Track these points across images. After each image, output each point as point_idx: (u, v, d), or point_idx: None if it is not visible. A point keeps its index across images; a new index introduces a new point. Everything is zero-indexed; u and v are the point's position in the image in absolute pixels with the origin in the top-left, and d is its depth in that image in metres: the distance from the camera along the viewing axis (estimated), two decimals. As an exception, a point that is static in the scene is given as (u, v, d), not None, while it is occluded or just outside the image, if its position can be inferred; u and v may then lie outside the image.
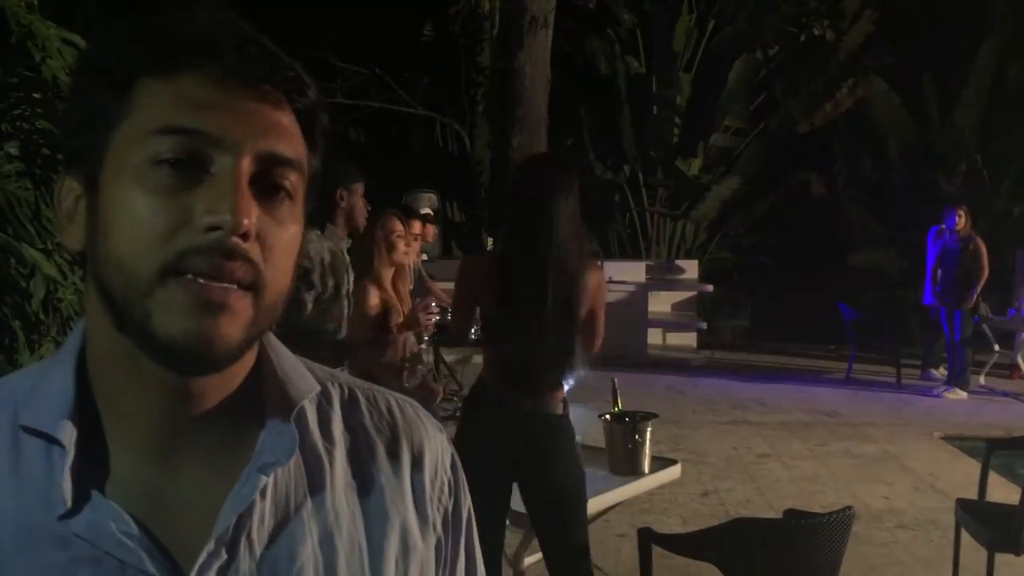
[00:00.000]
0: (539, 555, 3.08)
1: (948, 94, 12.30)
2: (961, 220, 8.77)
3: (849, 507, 2.62)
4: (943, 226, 8.88)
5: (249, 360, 0.73)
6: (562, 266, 2.76)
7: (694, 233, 12.87)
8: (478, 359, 4.86)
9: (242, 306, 0.66)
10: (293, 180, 0.69)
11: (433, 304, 4.05)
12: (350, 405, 0.80)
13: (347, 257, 3.55)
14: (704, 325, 10.76)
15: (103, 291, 0.67)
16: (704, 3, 12.98)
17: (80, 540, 0.66)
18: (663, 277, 11.11)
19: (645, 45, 13.21)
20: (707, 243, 12.95)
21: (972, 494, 4.19)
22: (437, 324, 4.16)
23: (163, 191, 0.65)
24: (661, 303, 10.97)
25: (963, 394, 8.50)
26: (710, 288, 10.86)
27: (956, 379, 8.63)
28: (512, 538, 3.24)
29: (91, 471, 0.68)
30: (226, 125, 0.66)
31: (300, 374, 0.76)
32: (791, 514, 2.93)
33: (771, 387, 9.00)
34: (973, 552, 3.91)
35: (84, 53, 0.73)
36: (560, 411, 2.86)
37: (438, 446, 0.82)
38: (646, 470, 3.51)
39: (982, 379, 8.99)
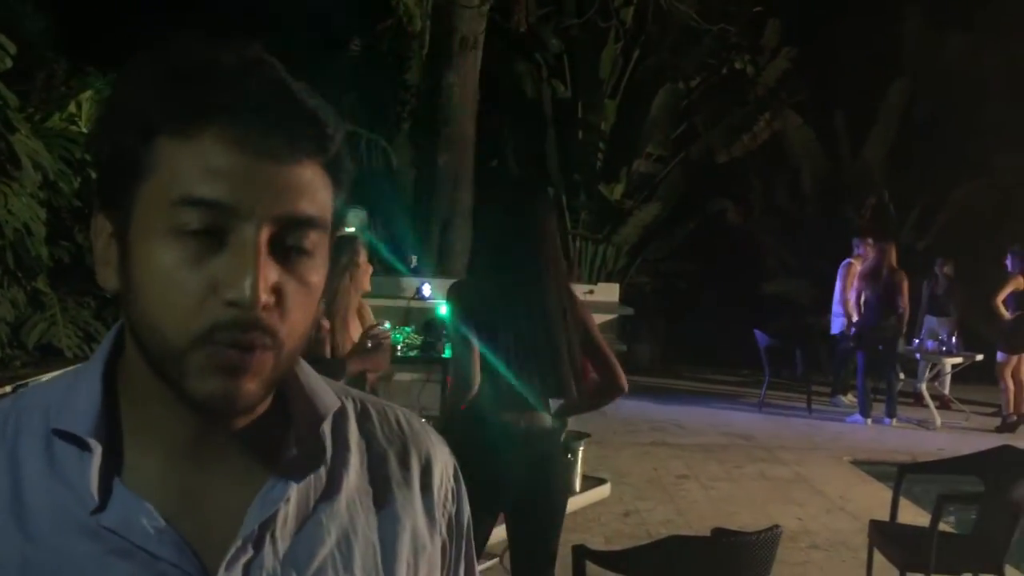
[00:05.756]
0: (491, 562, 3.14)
1: (859, 130, 12.81)
2: (869, 251, 9.19)
3: (776, 526, 2.72)
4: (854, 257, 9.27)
5: None
6: (559, 285, 2.88)
7: (615, 257, 13.06)
8: (399, 377, 4.84)
9: (262, 364, 0.70)
10: (313, 238, 0.71)
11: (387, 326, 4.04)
12: (363, 417, 0.85)
13: None
14: (624, 348, 10.91)
15: (137, 339, 0.72)
16: (630, 33, 13.23)
17: (112, 534, 0.70)
18: (584, 300, 11.24)
19: (572, 71, 13.40)
20: (627, 267, 13.16)
21: (880, 516, 4.38)
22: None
23: (188, 261, 0.68)
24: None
25: (868, 420, 8.82)
26: (631, 311, 11.03)
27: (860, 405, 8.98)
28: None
29: (119, 470, 0.73)
30: (245, 194, 0.68)
31: (324, 390, 0.81)
32: (719, 532, 3.01)
33: (688, 410, 9.20)
34: (883, 572, 4.08)
35: (110, 96, 0.74)
36: (555, 425, 2.97)
37: (443, 456, 0.88)
38: (577, 488, 3.59)
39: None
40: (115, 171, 0.71)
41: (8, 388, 4.40)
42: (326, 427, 0.79)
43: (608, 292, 11.45)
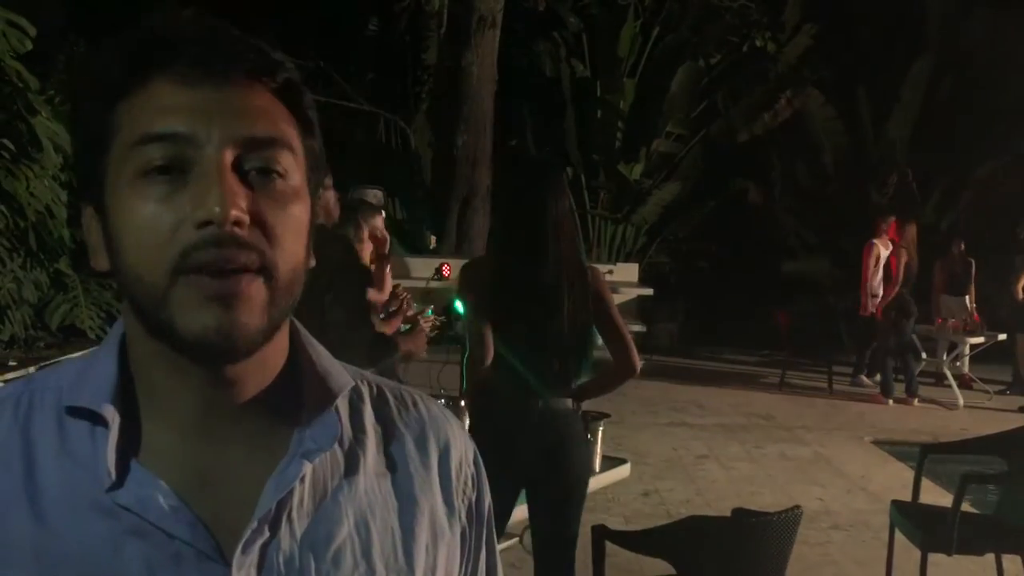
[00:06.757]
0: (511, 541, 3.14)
1: (881, 108, 12.66)
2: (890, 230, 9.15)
3: (797, 506, 2.71)
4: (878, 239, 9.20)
5: (280, 347, 0.77)
6: (568, 270, 2.84)
7: (634, 237, 13.01)
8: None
9: (254, 291, 0.69)
10: (283, 160, 0.71)
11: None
12: (379, 401, 0.83)
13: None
14: (643, 328, 10.88)
15: (131, 302, 0.72)
16: (649, 10, 13.13)
17: (127, 512, 0.69)
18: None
19: (591, 49, 13.32)
20: (647, 247, 13.11)
21: (902, 496, 4.35)
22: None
23: (156, 198, 0.68)
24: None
25: (888, 400, 8.77)
26: (650, 291, 10.99)
27: (882, 385, 8.94)
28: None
29: (134, 448, 0.72)
30: (199, 122, 0.68)
31: (337, 369, 0.80)
32: (740, 513, 3.00)
33: (708, 390, 9.17)
34: (904, 552, 4.06)
35: (75, 82, 0.76)
36: (571, 404, 2.93)
37: (462, 441, 0.86)
38: (597, 469, 3.59)
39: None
40: (86, 153, 0.72)
41: (32, 369, 4.45)
42: (341, 406, 0.78)
43: (627, 272, 11.42)
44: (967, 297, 9.76)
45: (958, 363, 9.61)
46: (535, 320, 2.85)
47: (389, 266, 4.88)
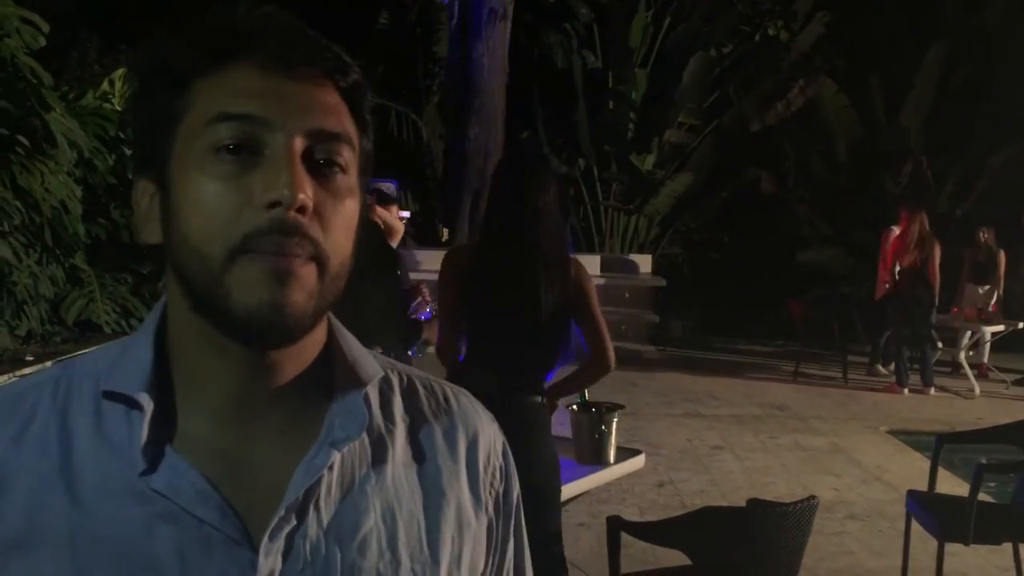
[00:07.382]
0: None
1: (895, 96, 12.58)
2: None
3: (812, 497, 2.70)
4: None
5: (319, 338, 0.78)
6: (546, 261, 2.81)
7: (647, 228, 12.98)
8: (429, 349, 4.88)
9: (307, 274, 0.71)
10: (345, 155, 0.74)
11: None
12: (409, 391, 0.85)
13: None
14: (656, 319, 10.88)
15: (181, 277, 0.73)
16: (661, 0, 13.08)
17: (159, 497, 0.71)
18: (617, 271, 11.22)
19: (602, 40, 13.28)
20: (660, 238, 13.08)
21: (918, 486, 4.33)
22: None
23: (225, 176, 0.70)
24: (615, 297, 11.06)
25: (903, 389, 8.73)
26: (663, 282, 10.98)
27: (896, 375, 8.90)
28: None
29: (168, 434, 0.73)
30: (274, 108, 0.71)
31: (367, 359, 0.81)
32: (755, 503, 3.00)
33: (722, 381, 9.16)
34: (921, 542, 4.05)
35: (143, 59, 0.77)
36: (539, 399, 2.90)
37: (491, 433, 0.88)
38: (611, 460, 3.58)
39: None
40: (153, 129, 0.74)
41: (48, 364, 4.47)
42: (371, 395, 0.79)
43: (640, 263, 11.41)
44: (989, 286, 9.69)
45: (971, 352, 9.54)
46: (509, 310, 2.83)
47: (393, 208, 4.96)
